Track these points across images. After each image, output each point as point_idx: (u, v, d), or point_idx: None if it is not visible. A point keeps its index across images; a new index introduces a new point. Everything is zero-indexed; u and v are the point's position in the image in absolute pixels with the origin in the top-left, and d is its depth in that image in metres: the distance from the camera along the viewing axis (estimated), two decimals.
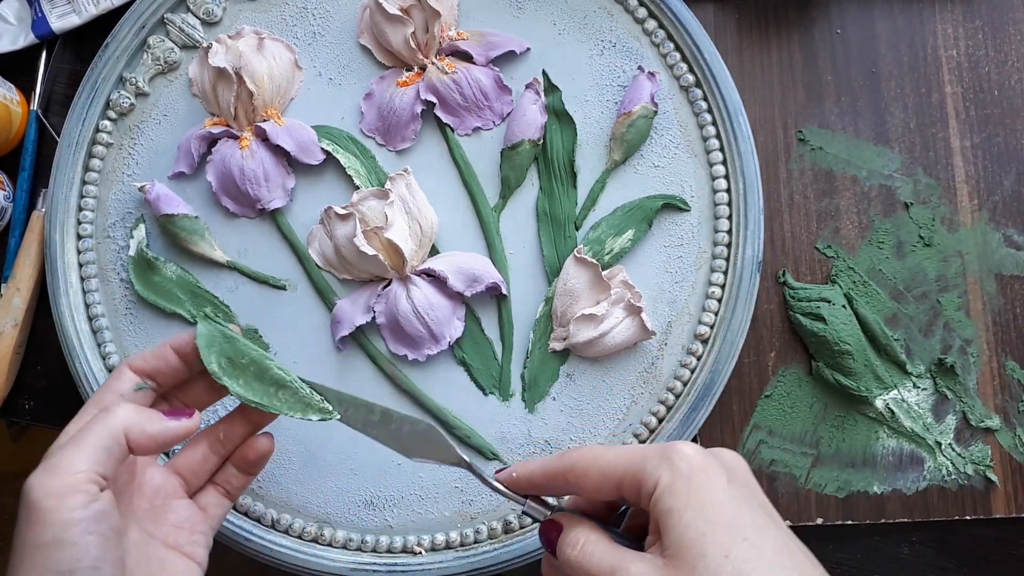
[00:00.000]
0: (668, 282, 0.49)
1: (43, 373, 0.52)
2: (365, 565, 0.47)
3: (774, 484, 0.50)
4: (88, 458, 0.32)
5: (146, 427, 0.35)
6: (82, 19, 0.52)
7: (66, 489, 0.31)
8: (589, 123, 0.50)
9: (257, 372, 0.40)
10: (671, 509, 0.29)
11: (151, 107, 0.51)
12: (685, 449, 0.30)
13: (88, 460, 0.32)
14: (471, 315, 0.49)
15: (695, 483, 0.29)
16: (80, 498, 0.31)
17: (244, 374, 0.40)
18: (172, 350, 0.39)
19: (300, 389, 0.40)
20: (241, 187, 0.49)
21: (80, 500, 0.31)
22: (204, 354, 0.39)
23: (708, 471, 0.30)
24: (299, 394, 0.40)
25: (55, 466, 0.32)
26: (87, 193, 0.51)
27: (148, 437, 0.35)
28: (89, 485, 0.32)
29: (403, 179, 0.48)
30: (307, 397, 0.40)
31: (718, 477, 0.30)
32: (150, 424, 0.35)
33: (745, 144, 0.49)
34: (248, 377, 0.40)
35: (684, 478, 0.29)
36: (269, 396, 0.40)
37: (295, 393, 0.40)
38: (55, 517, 0.31)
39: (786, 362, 0.51)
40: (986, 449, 0.50)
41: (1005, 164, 0.52)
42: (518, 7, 0.51)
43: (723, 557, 0.27)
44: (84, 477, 0.32)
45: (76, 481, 0.32)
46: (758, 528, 0.29)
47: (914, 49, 0.53)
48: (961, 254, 0.51)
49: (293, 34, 0.51)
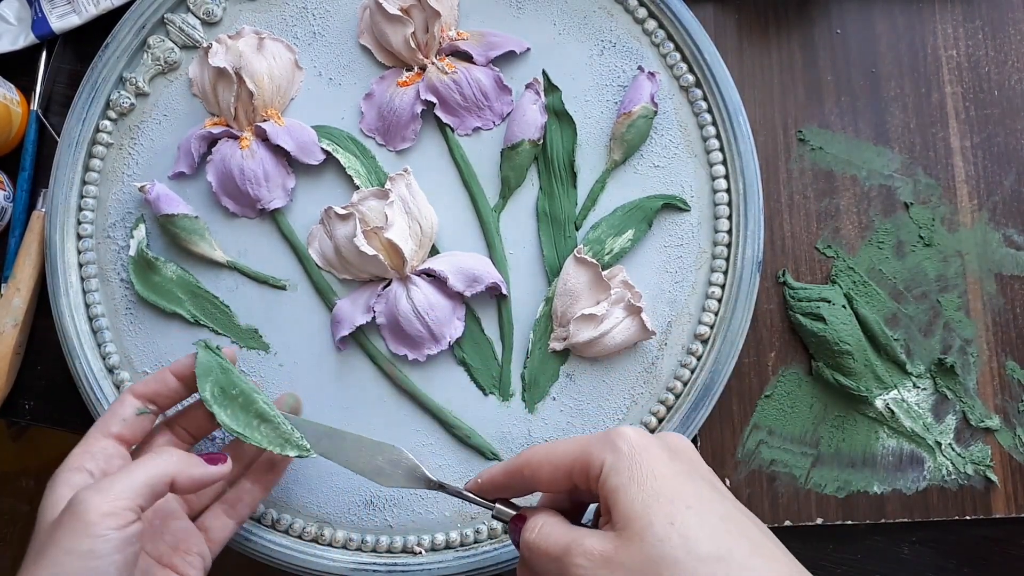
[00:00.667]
0: (668, 282, 0.49)
1: (43, 373, 0.52)
2: (365, 565, 0.47)
3: (774, 484, 0.50)
4: (136, 490, 0.36)
5: (192, 471, 0.38)
6: (82, 19, 0.52)
7: (111, 510, 0.35)
8: (589, 123, 0.50)
9: (244, 403, 0.42)
10: (617, 487, 0.30)
11: (151, 107, 0.51)
12: (627, 432, 0.32)
13: (135, 491, 0.36)
14: (471, 315, 0.49)
15: (637, 461, 0.31)
16: (120, 521, 0.35)
17: (232, 404, 0.42)
18: (172, 374, 0.42)
19: (281, 425, 0.43)
20: (241, 187, 0.49)
21: (119, 522, 0.35)
22: (200, 381, 0.42)
23: (649, 449, 0.31)
24: (280, 429, 0.42)
25: (108, 489, 0.35)
26: (87, 193, 0.51)
27: (191, 480, 0.38)
28: (129, 513, 0.35)
29: (403, 179, 0.48)
30: (286, 433, 0.42)
31: (659, 454, 0.31)
32: (194, 469, 0.39)
33: (745, 144, 0.49)
34: (235, 408, 0.42)
35: (627, 457, 0.31)
36: (251, 428, 0.42)
37: (276, 428, 0.42)
38: (95, 531, 0.34)
39: (786, 362, 0.51)
40: (986, 449, 0.50)
41: (1005, 164, 0.52)
42: (518, 7, 0.51)
43: (668, 524, 0.29)
44: (127, 504, 0.35)
45: (121, 506, 0.35)
46: (702, 498, 0.30)
47: (914, 49, 0.53)
48: (961, 254, 0.51)
49: (293, 34, 0.51)
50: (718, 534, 0.29)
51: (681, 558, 0.28)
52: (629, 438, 0.32)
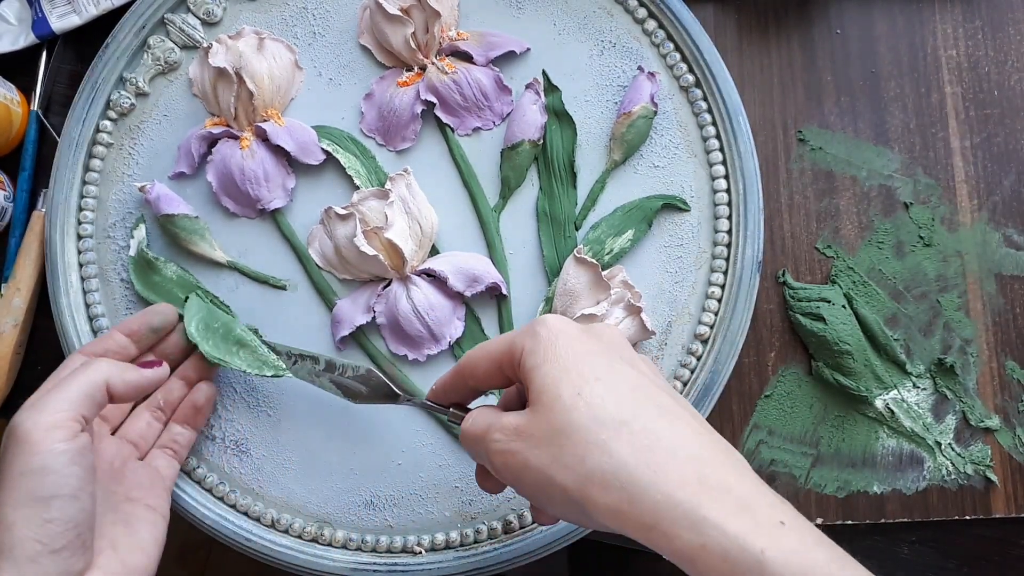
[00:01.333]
0: (668, 282, 0.49)
1: (43, 373, 0.52)
2: (365, 565, 0.47)
3: (774, 484, 0.50)
4: (72, 400, 0.36)
5: (125, 375, 0.39)
6: (82, 19, 0.52)
7: (52, 424, 0.35)
8: (589, 123, 0.50)
9: (224, 333, 0.47)
10: (532, 367, 0.32)
11: (151, 107, 0.51)
12: (548, 319, 0.33)
13: (72, 402, 0.36)
14: (471, 315, 0.49)
15: (552, 342, 0.32)
16: (65, 432, 0.35)
17: (214, 336, 0.46)
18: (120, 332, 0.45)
19: (258, 348, 0.46)
20: (241, 187, 0.49)
21: (65, 434, 0.35)
22: (186, 319, 0.46)
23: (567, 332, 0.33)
24: (257, 352, 0.46)
25: (43, 406, 0.36)
26: (87, 193, 0.51)
27: (126, 384, 0.39)
28: (72, 423, 0.36)
29: (403, 179, 0.48)
30: (264, 356, 0.46)
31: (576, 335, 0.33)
32: (127, 373, 0.39)
33: (745, 144, 0.49)
34: (216, 338, 0.46)
35: (544, 340, 0.32)
36: (231, 354, 0.46)
37: (254, 351, 0.46)
38: (42, 447, 0.34)
39: (786, 362, 0.51)
40: (986, 449, 0.50)
41: (1005, 164, 0.52)
42: (518, 7, 0.51)
43: (576, 395, 0.30)
44: (68, 415, 0.36)
45: (61, 418, 0.35)
46: (613, 371, 0.31)
47: (914, 49, 0.53)
48: (961, 254, 0.51)
49: (293, 34, 0.51)
50: (624, 401, 0.30)
51: (585, 423, 0.30)
52: (548, 323, 0.33)
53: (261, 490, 0.49)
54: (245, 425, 0.49)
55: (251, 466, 0.49)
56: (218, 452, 0.49)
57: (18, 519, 0.34)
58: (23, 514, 0.34)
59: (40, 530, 0.34)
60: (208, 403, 0.47)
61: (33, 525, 0.34)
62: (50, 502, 0.34)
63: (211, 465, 0.49)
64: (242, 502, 0.48)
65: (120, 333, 0.45)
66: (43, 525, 0.34)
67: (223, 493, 0.48)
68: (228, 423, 0.49)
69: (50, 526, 0.34)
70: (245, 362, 0.46)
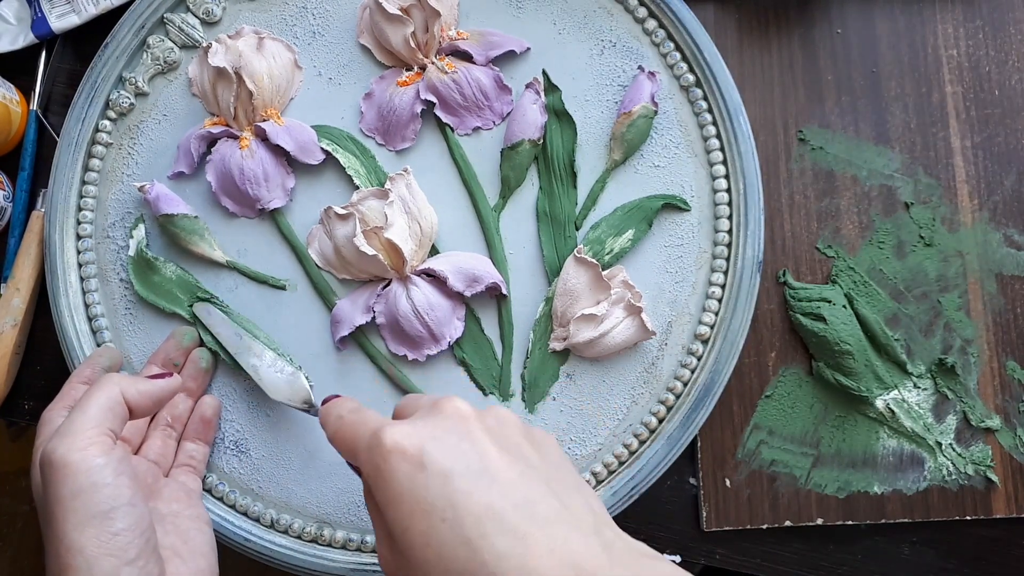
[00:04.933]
0: (668, 282, 0.49)
1: (43, 373, 0.52)
2: (365, 565, 0.47)
3: (774, 484, 0.50)
4: (96, 417, 0.35)
5: (139, 386, 0.38)
6: (82, 19, 0.52)
7: (85, 443, 0.34)
8: (589, 123, 0.50)
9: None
10: (381, 503, 0.31)
11: (151, 107, 0.51)
12: (387, 436, 0.31)
13: (96, 419, 0.35)
14: (471, 315, 0.49)
15: (392, 478, 0.30)
16: (100, 447, 0.34)
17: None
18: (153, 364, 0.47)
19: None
20: (241, 187, 0.49)
21: (100, 449, 0.34)
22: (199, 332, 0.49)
23: (406, 458, 0.30)
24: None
25: (67, 431, 0.35)
26: (87, 193, 0.51)
27: (142, 395, 0.38)
28: (104, 438, 0.35)
29: (403, 179, 0.48)
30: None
31: (417, 461, 0.30)
32: (140, 384, 0.38)
33: (745, 144, 0.49)
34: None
35: (384, 476, 0.30)
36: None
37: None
38: (84, 465, 0.34)
39: (786, 362, 0.51)
40: (987, 449, 0.50)
41: (1005, 164, 0.52)
42: (518, 7, 0.51)
43: (425, 546, 0.29)
44: (97, 431, 0.35)
45: (92, 435, 0.35)
46: (452, 503, 0.29)
47: (914, 49, 0.53)
48: (961, 254, 0.51)
49: (293, 34, 0.51)
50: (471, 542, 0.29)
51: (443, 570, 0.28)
52: (386, 452, 0.31)
53: (260, 490, 0.49)
54: (244, 425, 0.49)
55: (250, 466, 0.49)
56: (217, 452, 0.49)
57: (85, 540, 0.33)
58: (89, 534, 0.33)
59: (111, 544, 0.33)
60: (216, 415, 0.48)
61: (102, 541, 0.33)
62: (111, 515, 0.33)
63: (210, 465, 0.49)
64: (241, 502, 0.48)
65: (155, 366, 0.47)
66: (112, 539, 0.33)
67: (222, 493, 0.48)
68: (228, 423, 0.49)
69: (119, 538, 0.33)
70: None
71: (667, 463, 0.48)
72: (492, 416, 0.33)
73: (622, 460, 0.48)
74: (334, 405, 0.37)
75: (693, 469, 0.51)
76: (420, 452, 0.30)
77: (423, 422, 0.32)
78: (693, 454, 0.50)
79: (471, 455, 0.30)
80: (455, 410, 0.32)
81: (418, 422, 0.32)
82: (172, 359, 0.47)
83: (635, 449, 0.48)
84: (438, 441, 0.31)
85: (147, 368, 0.47)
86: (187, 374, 0.48)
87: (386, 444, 0.31)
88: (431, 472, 0.30)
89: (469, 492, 0.29)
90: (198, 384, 0.48)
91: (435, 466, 0.30)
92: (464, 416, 0.32)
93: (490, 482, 0.30)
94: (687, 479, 0.51)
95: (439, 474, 0.30)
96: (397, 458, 0.30)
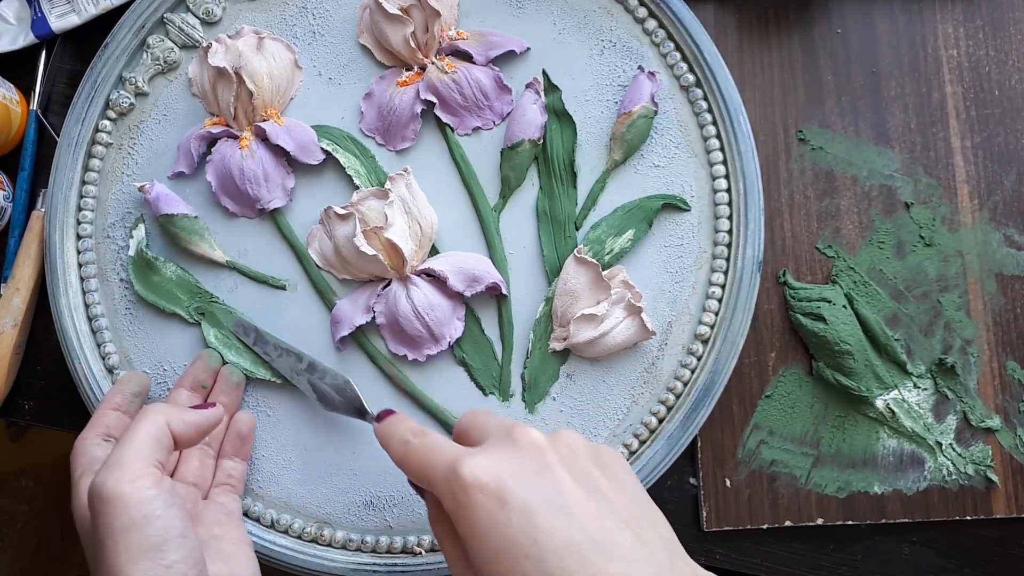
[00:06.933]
0: (668, 282, 0.49)
1: (43, 373, 0.52)
2: (365, 565, 0.47)
3: (775, 484, 0.50)
4: (144, 448, 0.36)
5: (184, 417, 0.38)
6: (82, 19, 0.52)
7: (135, 475, 0.34)
8: (589, 123, 0.50)
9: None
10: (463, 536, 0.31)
11: (151, 107, 0.51)
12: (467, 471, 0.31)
13: (144, 450, 0.35)
14: (471, 315, 0.49)
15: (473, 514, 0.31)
16: (149, 479, 0.34)
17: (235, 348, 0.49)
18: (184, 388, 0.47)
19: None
20: (241, 187, 0.49)
21: (150, 481, 0.34)
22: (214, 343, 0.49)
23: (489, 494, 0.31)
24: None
25: (117, 463, 0.35)
26: (87, 193, 0.51)
27: (187, 425, 0.38)
28: (153, 470, 0.35)
29: (403, 179, 0.48)
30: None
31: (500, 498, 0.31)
32: (185, 414, 0.39)
33: (745, 144, 0.49)
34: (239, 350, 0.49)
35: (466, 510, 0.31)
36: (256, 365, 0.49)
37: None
38: (136, 498, 0.33)
39: (786, 362, 0.51)
40: (987, 449, 0.50)
41: (1006, 164, 0.52)
42: (518, 7, 0.51)
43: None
44: (146, 463, 0.35)
45: (141, 468, 0.35)
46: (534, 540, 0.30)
47: (914, 49, 0.53)
48: (961, 254, 0.51)
49: (293, 34, 0.51)
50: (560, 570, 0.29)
51: None
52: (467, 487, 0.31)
53: (261, 490, 0.49)
54: None
55: (251, 466, 0.49)
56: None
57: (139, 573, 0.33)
58: (143, 567, 0.33)
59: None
60: (251, 431, 0.48)
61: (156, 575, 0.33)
62: (164, 547, 0.33)
63: None
64: (242, 502, 0.48)
65: (184, 389, 0.47)
66: (165, 572, 0.33)
67: None
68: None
69: (171, 571, 0.33)
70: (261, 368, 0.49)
71: (667, 463, 0.48)
72: (563, 444, 0.34)
73: None
74: (393, 424, 0.37)
75: (693, 469, 0.51)
76: (501, 487, 0.31)
77: (499, 454, 0.32)
78: (693, 454, 0.50)
79: (549, 489, 0.31)
80: (530, 441, 0.33)
81: (493, 453, 0.32)
82: (201, 382, 0.47)
83: (635, 449, 0.48)
84: (517, 476, 0.31)
85: (175, 393, 0.47)
86: (219, 390, 0.47)
87: (466, 478, 0.31)
88: (512, 508, 0.30)
89: (550, 529, 0.30)
90: (231, 399, 0.47)
91: (516, 501, 0.30)
92: (540, 448, 0.33)
93: (569, 517, 0.30)
94: (687, 479, 0.51)
95: (520, 510, 0.30)
96: (478, 493, 0.31)
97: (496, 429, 0.34)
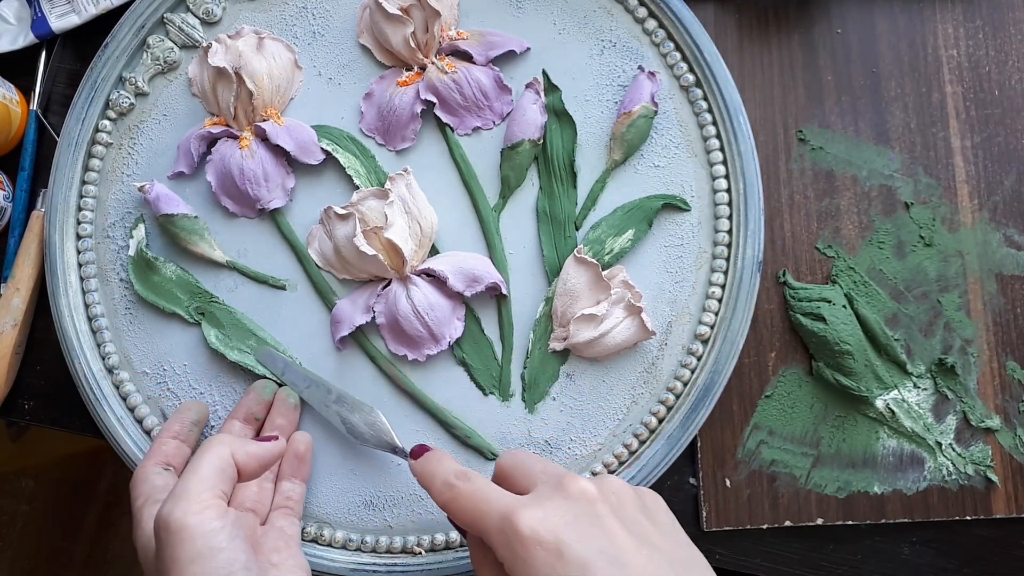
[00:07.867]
0: (668, 282, 0.49)
1: (43, 373, 0.52)
2: (365, 565, 0.47)
3: (774, 484, 0.50)
4: (209, 479, 0.36)
5: (248, 449, 0.39)
6: (82, 19, 0.52)
7: (201, 507, 0.35)
8: (589, 123, 0.50)
9: (240, 335, 0.50)
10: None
11: (151, 107, 0.51)
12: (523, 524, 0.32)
13: (210, 482, 0.36)
14: (471, 315, 0.49)
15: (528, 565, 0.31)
16: (215, 511, 0.35)
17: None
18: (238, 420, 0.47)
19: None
20: (241, 187, 0.49)
21: (215, 512, 0.35)
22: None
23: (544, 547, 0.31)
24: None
25: (183, 493, 0.35)
26: (86, 193, 0.51)
27: (251, 457, 0.39)
28: (218, 501, 0.35)
29: (403, 179, 0.48)
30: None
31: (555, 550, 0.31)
32: (251, 447, 0.39)
33: (745, 144, 0.49)
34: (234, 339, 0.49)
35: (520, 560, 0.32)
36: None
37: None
38: (202, 529, 0.34)
39: (786, 362, 0.51)
40: (986, 449, 0.50)
41: (1005, 164, 0.52)
42: (518, 7, 0.51)
43: None
44: (212, 494, 0.35)
45: (207, 499, 0.35)
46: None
47: (914, 49, 0.53)
48: (961, 254, 0.51)
49: (293, 34, 0.51)
50: None
51: None
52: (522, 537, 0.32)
53: None
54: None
55: None
56: None
57: None
58: None
59: None
60: (309, 451, 0.47)
61: None
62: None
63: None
64: None
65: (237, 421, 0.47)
66: None
67: None
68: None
69: None
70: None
71: (667, 463, 0.48)
72: (611, 492, 0.34)
73: (622, 460, 0.48)
74: (432, 464, 0.37)
75: (693, 469, 0.51)
76: (558, 541, 0.31)
77: (553, 506, 0.33)
78: (693, 454, 0.50)
79: (604, 541, 0.32)
80: (582, 492, 0.34)
81: (548, 504, 0.33)
82: (254, 414, 0.47)
83: (635, 449, 0.48)
84: (572, 529, 0.32)
85: (229, 424, 0.47)
86: (276, 412, 0.47)
87: (523, 532, 0.32)
88: (569, 562, 0.31)
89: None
90: (288, 421, 0.47)
91: (573, 555, 0.31)
92: (591, 499, 0.33)
93: (622, 568, 0.31)
94: (687, 479, 0.51)
95: (577, 563, 0.31)
96: (536, 547, 0.31)
97: (545, 476, 0.35)
